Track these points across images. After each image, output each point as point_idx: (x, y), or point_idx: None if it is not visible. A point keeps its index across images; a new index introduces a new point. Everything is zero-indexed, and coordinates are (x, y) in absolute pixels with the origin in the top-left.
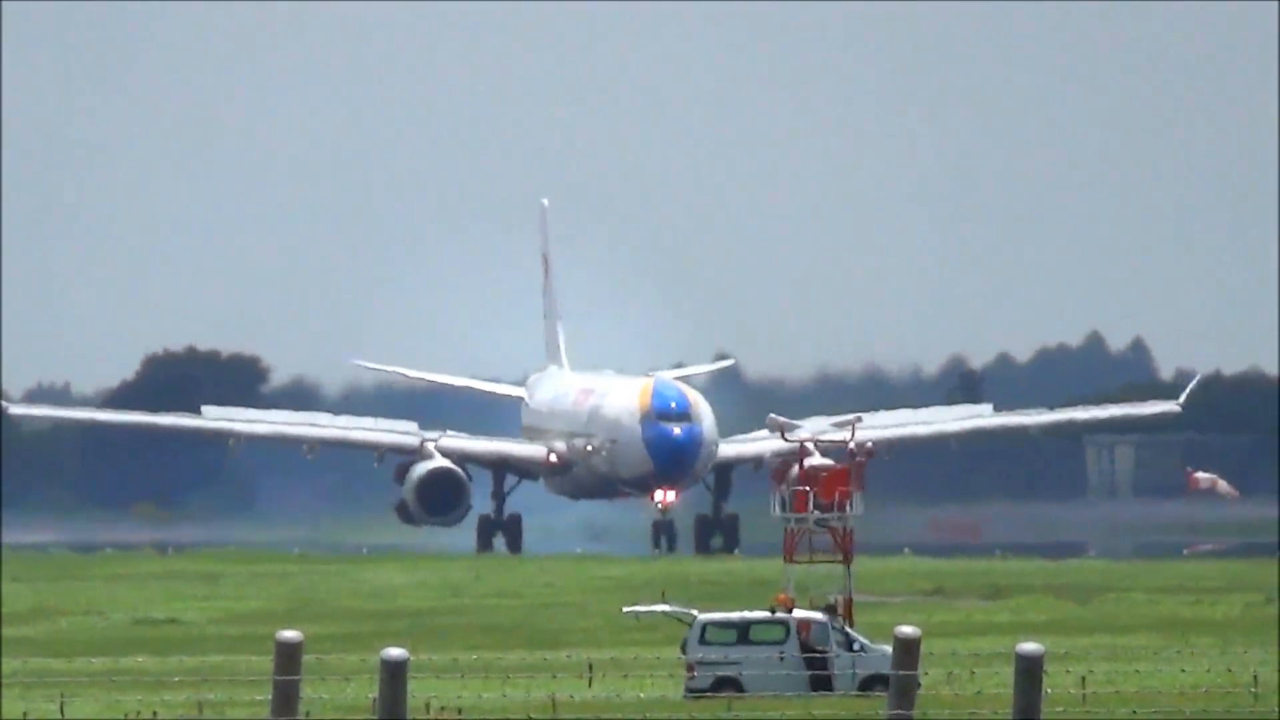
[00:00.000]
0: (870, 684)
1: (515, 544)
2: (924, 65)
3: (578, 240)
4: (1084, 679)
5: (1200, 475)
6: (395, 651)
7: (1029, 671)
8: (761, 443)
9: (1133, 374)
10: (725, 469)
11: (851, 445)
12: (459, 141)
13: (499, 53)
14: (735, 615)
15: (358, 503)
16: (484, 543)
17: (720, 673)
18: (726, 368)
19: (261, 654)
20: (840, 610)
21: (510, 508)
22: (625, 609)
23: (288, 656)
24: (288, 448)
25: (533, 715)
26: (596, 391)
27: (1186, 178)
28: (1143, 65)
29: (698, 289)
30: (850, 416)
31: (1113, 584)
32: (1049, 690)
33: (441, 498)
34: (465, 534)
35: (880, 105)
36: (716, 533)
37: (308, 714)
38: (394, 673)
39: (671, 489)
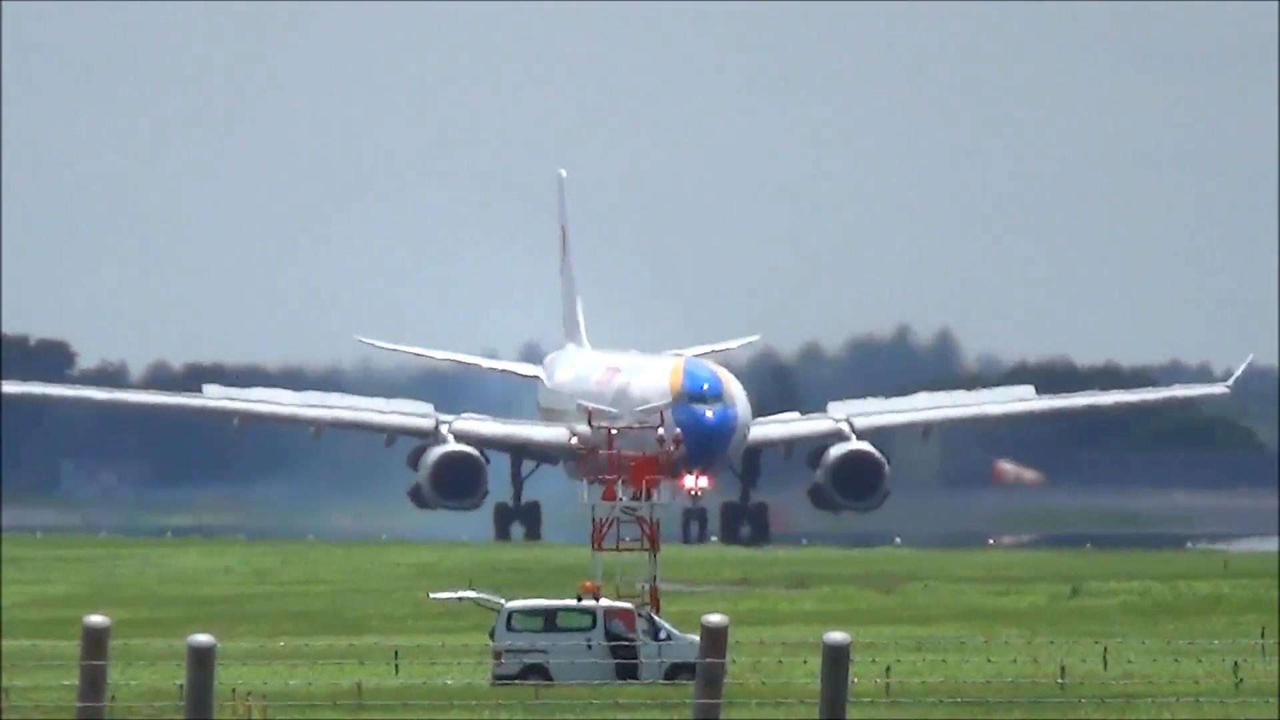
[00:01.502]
0: (677, 672)
1: (534, 532)
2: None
3: (590, 215)
4: (889, 669)
5: (1006, 465)
6: (202, 638)
7: (835, 661)
8: (792, 425)
9: (938, 366)
10: (754, 454)
11: (661, 433)
12: (471, 112)
13: (514, 27)
14: (542, 603)
15: (169, 484)
16: (501, 531)
17: (527, 660)
18: (751, 344)
19: (67, 639)
20: (648, 600)
21: (527, 494)
22: (431, 595)
23: (94, 641)
24: (294, 429)
25: (339, 701)
26: (623, 371)
27: (1002, 167)
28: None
29: (715, 266)
30: (656, 404)
31: (918, 573)
32: (855, 680)
33: (458, 482)
34: (481, 522)
35: (892, 90)
36: (744, 521)
37: (114, 699)
38: (201, 659)
39: (703, 474)
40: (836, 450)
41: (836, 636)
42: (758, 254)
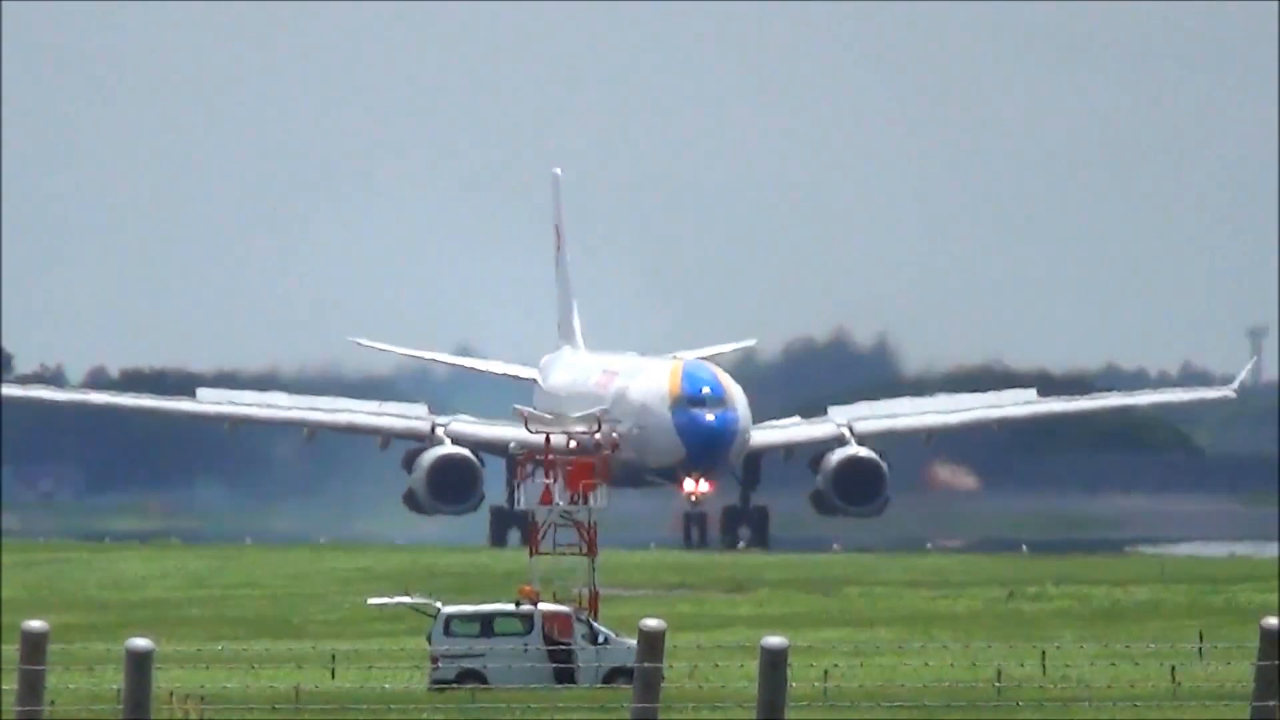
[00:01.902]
0: (614, 676)
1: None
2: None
3: (586, 215)
4: (827, 672)
5: (942, 470)
6: (140, 641)
7: (773, 664)
8: (793, 429)
9: (876, 370)
10: (754, 458)
11: (598, 437)
12: (465, 110)
13: (509, 24)
14: (479, 607)
15: (108, 489)
16: (497, 536)
17: (464, 664)
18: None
19: (6, 644)
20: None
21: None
22: (369, 600)
23: (33, 646)
24: (287, 431)
25: (277, 705)
26: (621, 374)
27: (1010, 170)
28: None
29: (713, 268)
30: (596, 409)
31: (856, 578)
32: (793, 683)
33: (453, 486)
34: (478, 527)
35: (888, 90)
36: (744, 525)
37: (53, 703)
38: (139, 662)
39: (703, 478)
40: (837, 455)
41: (774, 640)
42: (756, 255)
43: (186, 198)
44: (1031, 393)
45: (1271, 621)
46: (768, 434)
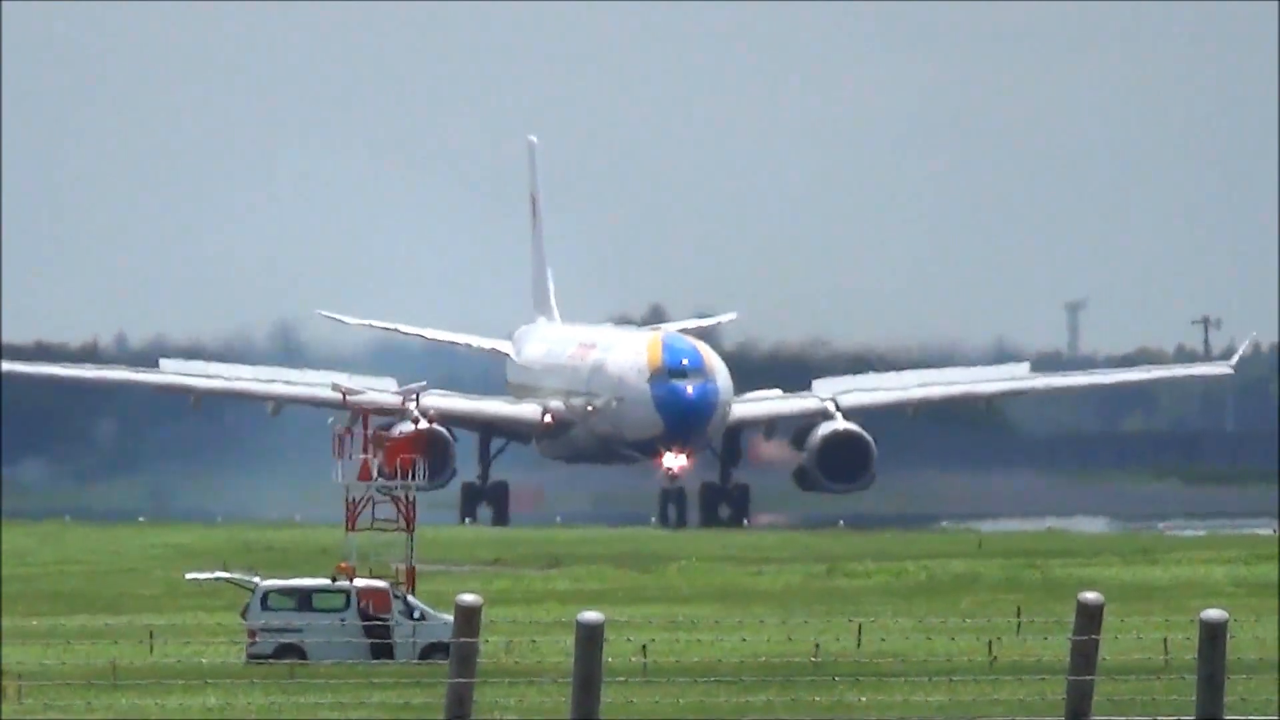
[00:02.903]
0: (431, 652)
1: (501, 514)
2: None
3: (562, 184)
4: (645, 647)
5: (763, 444)
6: None
7: (589, 639)
8: (775, 403)
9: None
10: (735, 433)
11: (416, 413)
12: (436, 74)
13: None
14: (297, 582)
15: None
16: (468, 512)
17: (282, 639)
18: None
19: None
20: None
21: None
22: (188, 576)
23: None
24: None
25: (94, 680)
26: (598, 346)
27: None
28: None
29: (694, 238)
30: (416, 385)
31: (674, 553)
32: (609, 659)
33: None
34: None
35: (873, 50)
36: (724, 503)
37: None
38: None
39: (682, 452)
40: (822, 430)
41: (590, 615)
42: (739, 226)
43: (145, 166)
44: (1024, 367)
45: (1088, 596)
46: (749, 407)
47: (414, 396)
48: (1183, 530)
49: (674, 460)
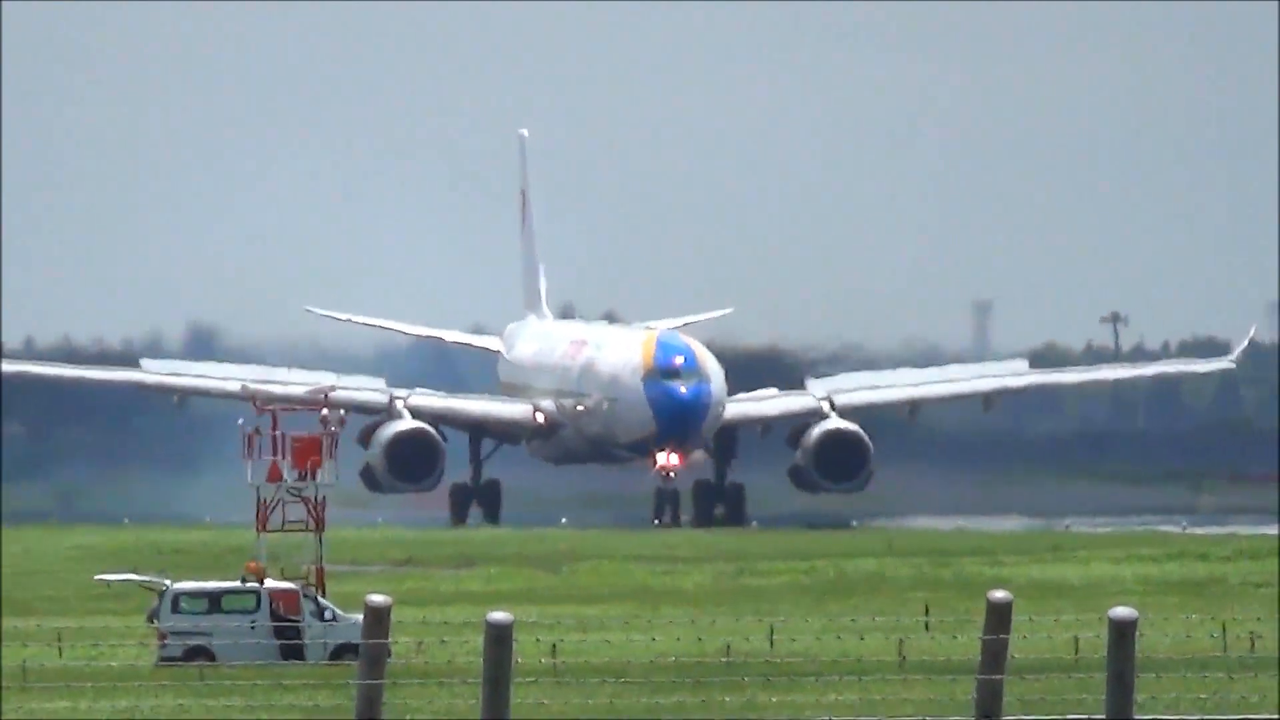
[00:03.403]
0: (342, 653)
1: (493, 514)
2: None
3: (553, 178)
4: (555, 647)
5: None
6: None
7: (498, 640)
8: (770, 402)
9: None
10: (730, 431)
11: (324, 413)
12: (426, 67)
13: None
14: (207, 584)
15: None
16: (459, 513)
17: (191, 642)
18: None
19: None
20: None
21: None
22: (97, 578)
23: None
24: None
25: (4, 684)
26: (590, 344)
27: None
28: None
29: (687, 233)
30: (324, 385)
31: (584, 553)
32: (519, 659)
33: (413, 462)
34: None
35: (868, 44)
36: (719, 502)
37: None
38: None
39: (675, 452)
40: (818, 429)
41: (499, 616)
42: (732, 222)
43: (133, 163)
44: (1023, 364)
45: (997, 595)
46: (744, 406)
47: (323, 396)
48: (1092, 529)
49: (666, 460)
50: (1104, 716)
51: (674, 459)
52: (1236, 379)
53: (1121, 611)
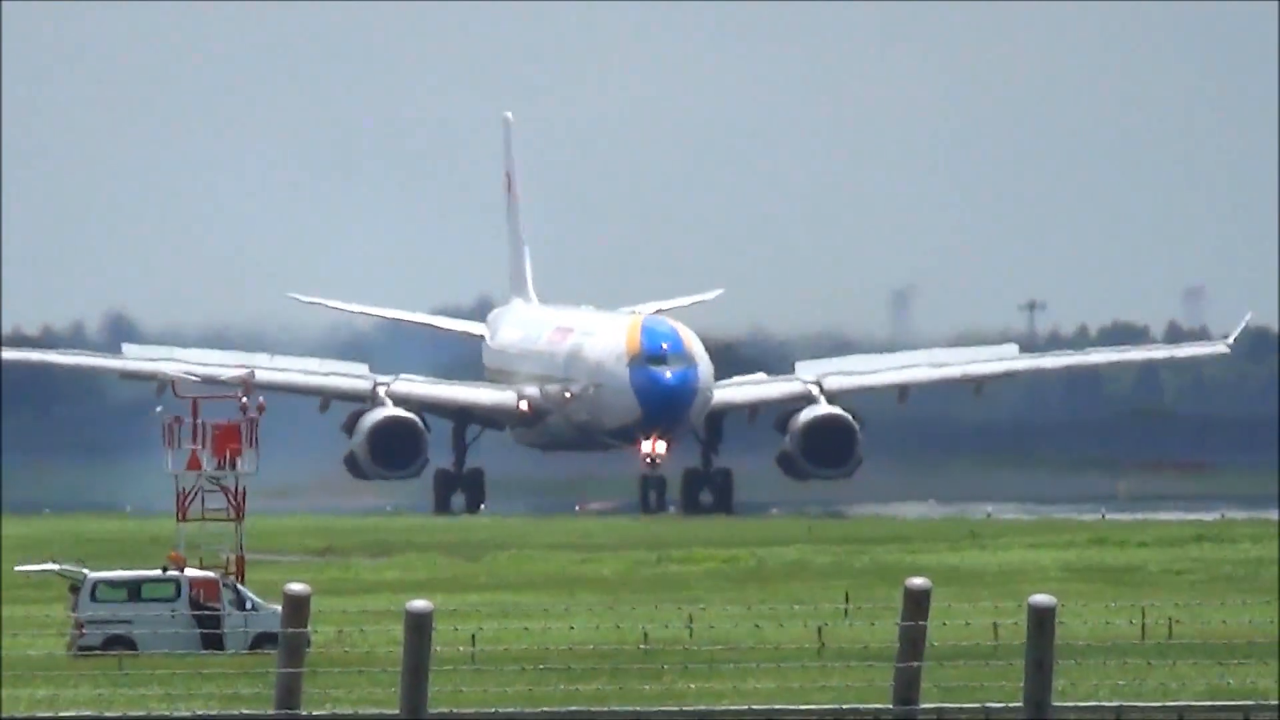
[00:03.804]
0: (262, 642)
1: (476, 502)
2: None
3: (538, 161)
4: (474, 636)
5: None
6: None
7: (418, 628)
8: (758, 387)
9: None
10: (717, 417)
11: (244, 400)
12: (409, 47)
13: None
14: (126, 574)
15: None
16: (441, 501)
17: (111, 631)
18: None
19: None
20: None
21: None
22: (16, 568)
23: None
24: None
25: None
26: (575, 330)
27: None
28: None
29: (674, 216)
30: (240, 371)
31: (504, 541)
32: (439, 647)
33: (396, 449)
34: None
35: (857, 34)
36: (705, 489)
37: None
38: None
39: (662, 438)
40: (806, 415)
41: (419, 604)
42: (720, 203)
43: (112, 147)
44: (1013, 348)
45: (915, 582)
46: (731, 391)
47: (243, 382)
48: (1011, 516)
49: (652, 446)
50: (1022, 703)
51: (660, 445)
52: (1157, 367)
53: (1040, 599)
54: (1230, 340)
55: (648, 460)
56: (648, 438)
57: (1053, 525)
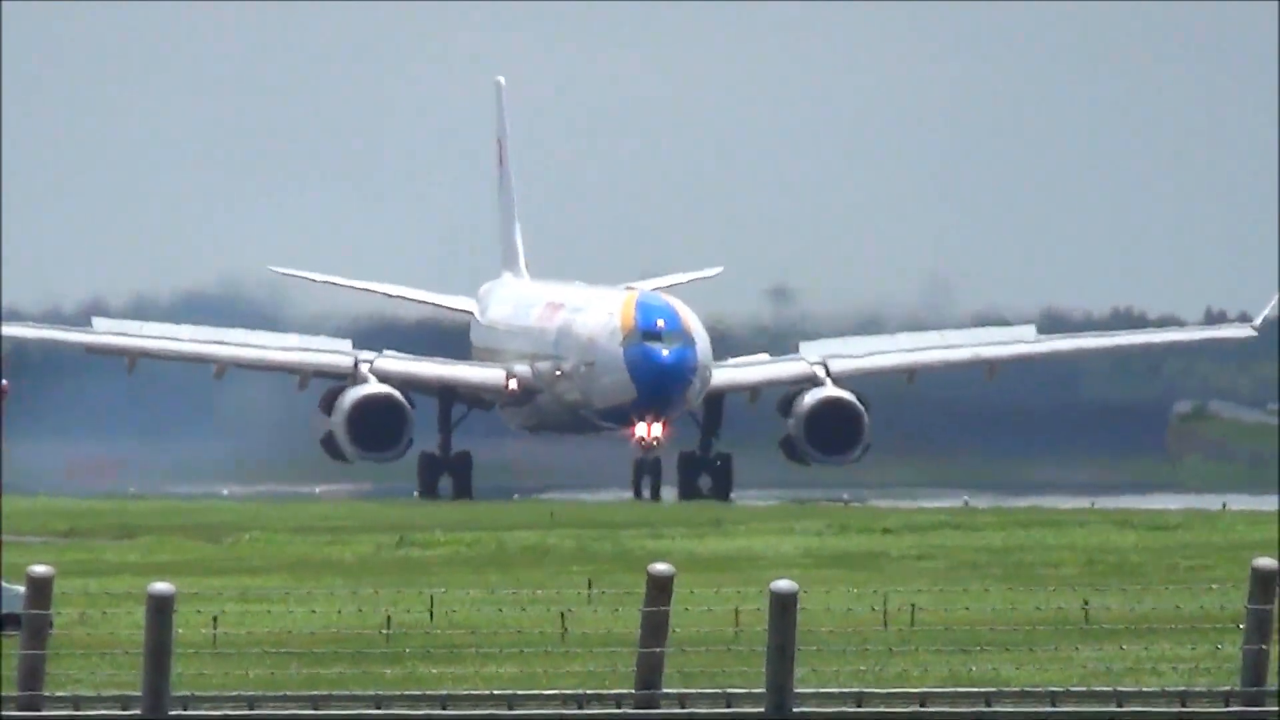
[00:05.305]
0: (3, 624)
1: (464, 487)
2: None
3: (531, 128)
4: (215, 619)
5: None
6: None
7: (159, 611)
8: (760, 368)
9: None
10: (716, 399)
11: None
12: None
13: None
14: None
15: None
16: (427, 485)
17: None
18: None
19: None
20: None
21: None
22: None
23: None
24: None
25: None
26: (567, 306)
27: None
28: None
29: (673, 188)
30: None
31: (246, 524)
32: (180, 630)
33: (378, 430)
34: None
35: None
36: (703, 474)
37: None
38: None
39: (657, 421)
40: (810, 397)
41: (161, 587)
42: (721, 176)
43: (93, 123)
44: (1031, 330)
45: (658, 567)
46: (732, 372)
47: None
48: (755, 501)
49: (647, 429)
50: (765, 688)
51: (655, 428)
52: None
53: (782, 584)
54: (1257, 324)
55: (643, 443)
56: (642, 420)
57: (796, 511)
